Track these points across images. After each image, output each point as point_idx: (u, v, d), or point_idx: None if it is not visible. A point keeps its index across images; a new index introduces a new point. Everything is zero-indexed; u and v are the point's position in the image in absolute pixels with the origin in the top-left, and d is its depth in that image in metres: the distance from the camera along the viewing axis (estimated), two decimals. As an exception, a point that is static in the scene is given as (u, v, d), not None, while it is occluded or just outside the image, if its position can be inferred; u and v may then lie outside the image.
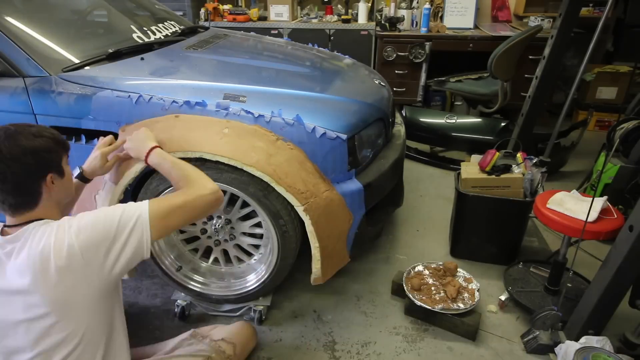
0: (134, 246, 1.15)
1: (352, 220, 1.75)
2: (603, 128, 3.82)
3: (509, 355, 1.74)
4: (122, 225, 1.14)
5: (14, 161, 1.09)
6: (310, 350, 1.76)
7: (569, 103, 2.25)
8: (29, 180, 1.14)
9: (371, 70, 2.54)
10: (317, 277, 1.76)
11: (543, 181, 2.05)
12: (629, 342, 1.62)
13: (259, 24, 3.89)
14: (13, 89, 1.66)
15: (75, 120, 1.65)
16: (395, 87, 3.72)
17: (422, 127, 3.32)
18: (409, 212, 2.67)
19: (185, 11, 3.97)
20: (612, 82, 3.87)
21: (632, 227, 1.41)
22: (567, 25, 2.34)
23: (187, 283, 1.89)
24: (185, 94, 1.65)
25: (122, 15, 2.39)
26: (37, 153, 1.13)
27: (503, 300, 1.96)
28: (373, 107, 1.93)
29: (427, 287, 1.91)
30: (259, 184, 1.58)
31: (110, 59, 1.85)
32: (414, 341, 1.81)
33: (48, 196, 1.17)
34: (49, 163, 1.17)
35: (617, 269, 1.46)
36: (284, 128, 1.61)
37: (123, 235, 1.14)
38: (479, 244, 2.20)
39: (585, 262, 2.11)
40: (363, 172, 1.80)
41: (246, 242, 1.85)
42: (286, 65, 2.17)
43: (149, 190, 1.67)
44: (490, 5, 4.07)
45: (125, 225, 1.14)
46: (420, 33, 3.66)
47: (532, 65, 3.32)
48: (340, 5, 4.13)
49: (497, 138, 2.96)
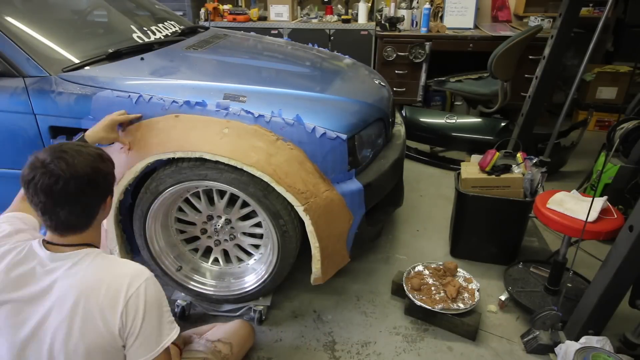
0: None
1: (352, 220, 1.75)
2: (603, 128, 3.82)
3: (509, 355, 1.74)
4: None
5: (89, 183, 1.09)
6: (310, 350, 1.76)
7: (569, 103, 2.25)
8: (95, 201, 1.14)
9: (371, 70, 2.54)
10: (317, 277, 1.76)
11: (543, 181, 2.05)
12: (629, 342, 1.62)
13: (259, 24, 3.89)
14: (13, 89, 1.66)
15: (75, 120, 1.65)
16: (395, 87, 3.72)
17: (422, 127, 3.32)
18: (409, 212, 2.67)
19: (185, 11, 3.96)
20: (612, 82, 3.87)
21: (632, 227, 1.41)
22: (567, 25, 2.34)
23: (187, 283, 1.89)
24: (185, 94, 1.65)
25: (122, 15, 2.39)
26: (106, 176, 1.15)
27: (503, 300, 1.96)
28: (373, 107, 1.93)
29: (427, 287, 1.91)
30: (259, 183, 1.58)
31: (110, 59, 1.85)
32: (414, 341, 1.81)
33: (101, 216, 1.18)
34: (111, 186, 1.19)
35: (617, 269, 1.46)
36: (284, 128, 1.61)
37: None
38: (479, 244, 2.20)
39: (585, 262, 2.11)
40: (363, 172, 1.80)
41: (246, 242, 1.85)
42: (286, 65, 2.17)
43: (149, 190, 1.67)
44: (490, 5, 4.07)
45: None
46: (420, 33, 3.66)
47: (532, 65, 3.32)
48: (340, 5, 4.13)
49: (497, 138, 2.96)
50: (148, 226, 1.75)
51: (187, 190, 1.74)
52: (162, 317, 1.13)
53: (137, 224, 1.76)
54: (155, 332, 1.11)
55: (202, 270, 1.94)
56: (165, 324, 1.14)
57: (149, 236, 1.78)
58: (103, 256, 1.14)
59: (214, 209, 1.78)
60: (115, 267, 1.13)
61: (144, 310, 1.09)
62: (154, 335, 1.11)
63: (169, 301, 1.93)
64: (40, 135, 1.69)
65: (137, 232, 1.78)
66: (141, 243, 1.80)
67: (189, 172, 1.60)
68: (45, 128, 1.67)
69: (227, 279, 1.92)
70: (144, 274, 1.13)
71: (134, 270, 1.13)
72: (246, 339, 1.67)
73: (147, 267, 1.16)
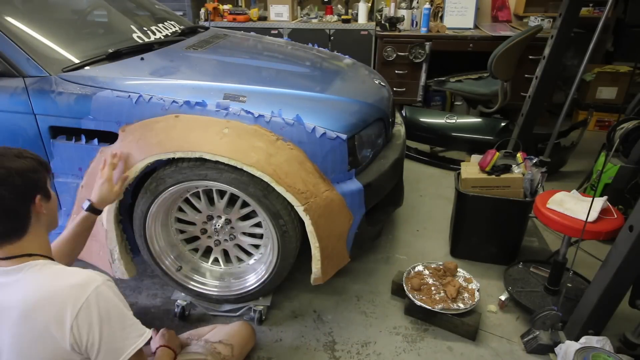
0: None
1: (352, 220, 1.75)
2: (603, 128, 3.82)
3: (509, 355, 1.74)
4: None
5: (2, 185, 1.00)
6: (310, 350, 1.76)
7: (569, 103, 2.25)
8: (17, 204, 1.04)
9: (371, 70, 2.54)
10: (317, 277, 1.76)
11: (543, 181, 2.05)
12: (629, 342, 1.62)
13: (259, 24, 3.89)
14: (13, 89, 1.65)
15: (75, 120, 1.65)
16: (395, 87, 3.72)
17: (422, 127, 3.32)
18: (409, 212, 2.67)
19: (185, 11, 3.97)
20: (612, 82, 3.87)
21: (632, 227, 1.41)
22: (567, 25, 2.34)
23: (187, 283, 1.89)
24: (185, 94, 1.65)
25: (122, 15, 2.39)
26: (23, 174, 1.04)
27: (503, 300, 1.96)
28: (373, 107, 1.93)
29: (427, 287, 1.91)
30: (259, 184, 1.58)
31: (110, 59, 1.85)
32: (414, 341, 1.81)
33: (37, 221, 1.09)
34: (36, 184, 1.08)
35: (617, 269, 1.46)
36: (284, 128, 1.61)
37: None
38: (479, 244, 2.20)
39: (585, 262, 2.11)
40: (363, 172, 1.80)
41: (246, 242, 1.85)
42: (286, 65, 2.17)
43: (149, 190, 1.67)
44: (490, 5, 4.07)
45: None
46: (420, 33, 3.66)
47: (532, 65, 3.32)
48: (340, 5, 4.13)
49: (497, 138, 2.96)
50: (148, 226, 1.75)
51: (187, 190, 1.74)
52: (124, 322, 1.07)
53: (137, 224, 1.76)
54: (119, 340, 1.05)
55: (202, 270, 1.94)
56: (129, 329, 1.07)
57: (149, 236, 1.78)
58: (48, 267, 1.06)
59: (214, 209, 1.78)
60: (59, 279, 1.04)
61: (100, 321, 1.01)
62: (118, 343, 1.05)
63: (169, 301, 1.95)
64: (40, 136, 1.69)
65: (137, 232, 1.78)
66: (141, 243, 1.80)
67: (189, 172, 1.60)
68: (45, 128, 1.67)
69: (227, 279, 1.91)
70: (93, 281, 1.04)
71: (82, 280, 1.04)
72: (247, 340, 1.67)
73: (100, 273, 1.08)
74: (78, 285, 1.02)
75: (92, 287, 1.02)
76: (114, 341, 1.04)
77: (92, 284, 1.03)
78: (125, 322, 1.07)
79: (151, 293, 2.05)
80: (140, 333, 1.09)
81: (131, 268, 1.83)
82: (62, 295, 1.00)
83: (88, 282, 1.03)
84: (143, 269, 2.15)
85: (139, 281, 2.11)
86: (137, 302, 1.99)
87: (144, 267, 2.13)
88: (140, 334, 1.09)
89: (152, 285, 2.09)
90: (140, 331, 1.10)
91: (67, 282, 1.03)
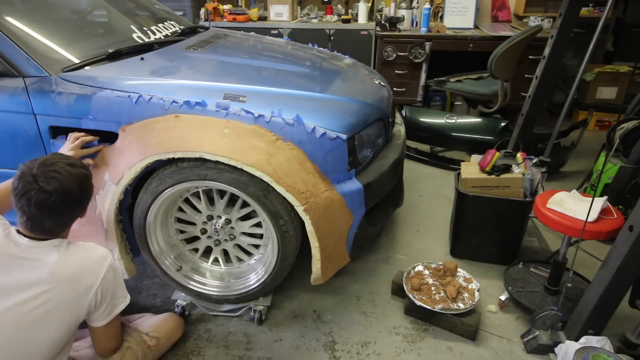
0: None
1: (352, 220, 1.75)
2: (603, 128, 3.82)
3: (509, 355, 1.74)
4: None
5: (76, 200, 1.27)
6: (310, 350, 1.76)
7: (569, 103, 2.25)
8: (77, 214, 1.32)
9: (371, 70, 2.54)
10: (317, 277, 1.76)
11: (543, 181, 2.05)
12: (629, 342, 1.62)
13: (259, 24, 3.89)
14: (13, 89, 1.65)
15: (75, 120, 1.65)
16: (395, 87, 3.72)
17: (422, 127, 3.32)
18: (409, 212, 2.67)
19: (185, 11, 3.97)
20: (612, 82, 3.87)
21: (632, 227, 1.41)
22: (567, 25, 2.34)
23: (187, 283, 1.89)
24: (185, 94, 1.65)
25: (122, 15, 2.39)
26: (89, 193, 1.34)
27: (503, 300, 1.96)
28: (373, 107, 1.93)
29: (427, 287, 1.91)
30: (259, 184, 1.58)
31: (110, 59, 1.85)
32: (414, 341, 1.81)
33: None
34: (90, 198, 1.36)
35: (617, 269, 1.46)
36: (284, 128, 1.61)
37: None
38: (479, 244, 2.20)
39: (585, 262, 2.12)
40: (363, 172, 1.80)
41: (246, 242, 1.85)
42: (286, 65, 2.17)
43: (149, 190, 1.67)
44: (490, 5, 4.07)
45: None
46: (420, 33, 3.67)
47: (532, 65, 3.32)
48: (340, 5, 4.13)
49: (497, 138, 2.96)
50: (148, 226, 1.75)
51: (187, 190, 1.74)
52: (122, 285, 1.40)
53: (137, 224, 1.76)
54: (117, 298, 1.38)
55: (202, 270, 1.94)
56: (122, 292, 1.40)
57: (149, 236, 1.78)
58: (72, 245, 1.31)
59: (214, 209, 1.78)
60: (87, 253, 1.32)
61: (113, 288, 1.34)
62: (113, 303, 1.36)
63: (169, 301, 1.95)
64: (40, 136, 1.69)
65: (137, 232, 1.78)
66: (141, 243, 1.80)
67: (189, 172, 1.60)
68: (45, 128, 1.67)
69: (227, 278, 1.91)
70: (108, 254, 1.34)
71: (102, 253, 1.33)
72: (173, 331, 1.73)
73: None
74: (102, 257, 1.32)
75: (110, 260, 1.33)
76: (111, 302, 1.35)
77: (108, 256, 1.34)
78: (122, 285, 1.41)
79: (151, 293, 2.05)
80: (126, 296, 1.43)
81: (131, 268, 1.84)
82: (94, 266, 1.29)
83: (106, 255, 1.34)
84: (143, 269, 2.15)
85: (139, 281, 2.11)
86: (137, 302, 1.99)
87: (144, 267, 2.14)
88: (126, 297, 1.43)
89: (152, 285, 2.09)
90: (127, 295, 1.44)
91: (95, 255, 1.32)
